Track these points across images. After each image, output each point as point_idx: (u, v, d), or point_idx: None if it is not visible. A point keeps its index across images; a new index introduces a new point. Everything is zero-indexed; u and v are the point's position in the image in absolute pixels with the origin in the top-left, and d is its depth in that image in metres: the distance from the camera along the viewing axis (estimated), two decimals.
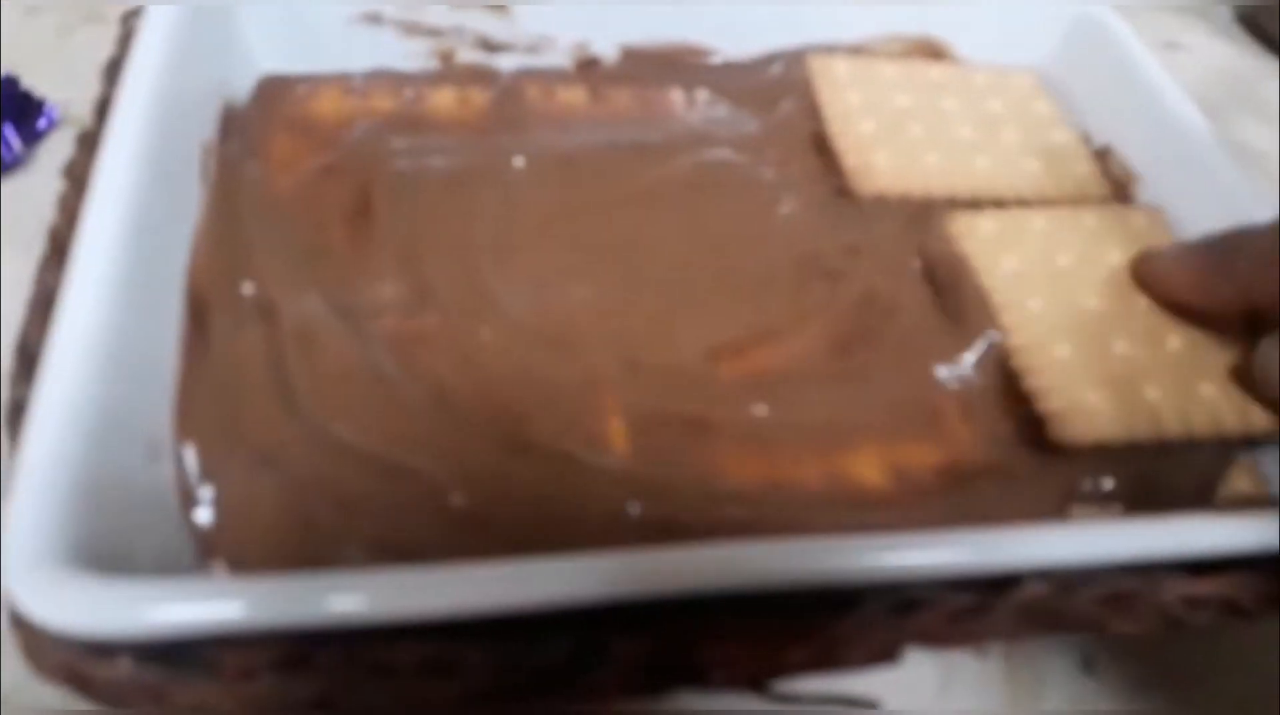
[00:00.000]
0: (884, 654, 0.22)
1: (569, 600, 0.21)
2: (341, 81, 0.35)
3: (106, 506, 0.22)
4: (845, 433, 0.27)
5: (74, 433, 0.22)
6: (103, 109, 0.30)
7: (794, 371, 0.29)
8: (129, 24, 0.32)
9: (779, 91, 0.37)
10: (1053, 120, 0.36)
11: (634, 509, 0.25)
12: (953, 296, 0.30)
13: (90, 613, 0.20)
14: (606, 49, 0.38)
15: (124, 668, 0.21)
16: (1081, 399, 0.28)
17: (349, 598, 0.20)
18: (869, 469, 0.27)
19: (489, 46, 0.37)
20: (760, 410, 0.27)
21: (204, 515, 0.25)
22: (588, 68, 0.38)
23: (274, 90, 0.34)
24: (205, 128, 0.31)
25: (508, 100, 0.36)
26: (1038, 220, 0.33)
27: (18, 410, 0.24)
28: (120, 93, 0.28)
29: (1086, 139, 0.37)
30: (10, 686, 0.25)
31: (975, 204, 0.33)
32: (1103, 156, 0.36)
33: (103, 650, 0.21)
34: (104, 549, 0.22)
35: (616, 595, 0.21)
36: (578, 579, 0.21)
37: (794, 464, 0.27)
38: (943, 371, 0.29)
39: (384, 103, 0.34)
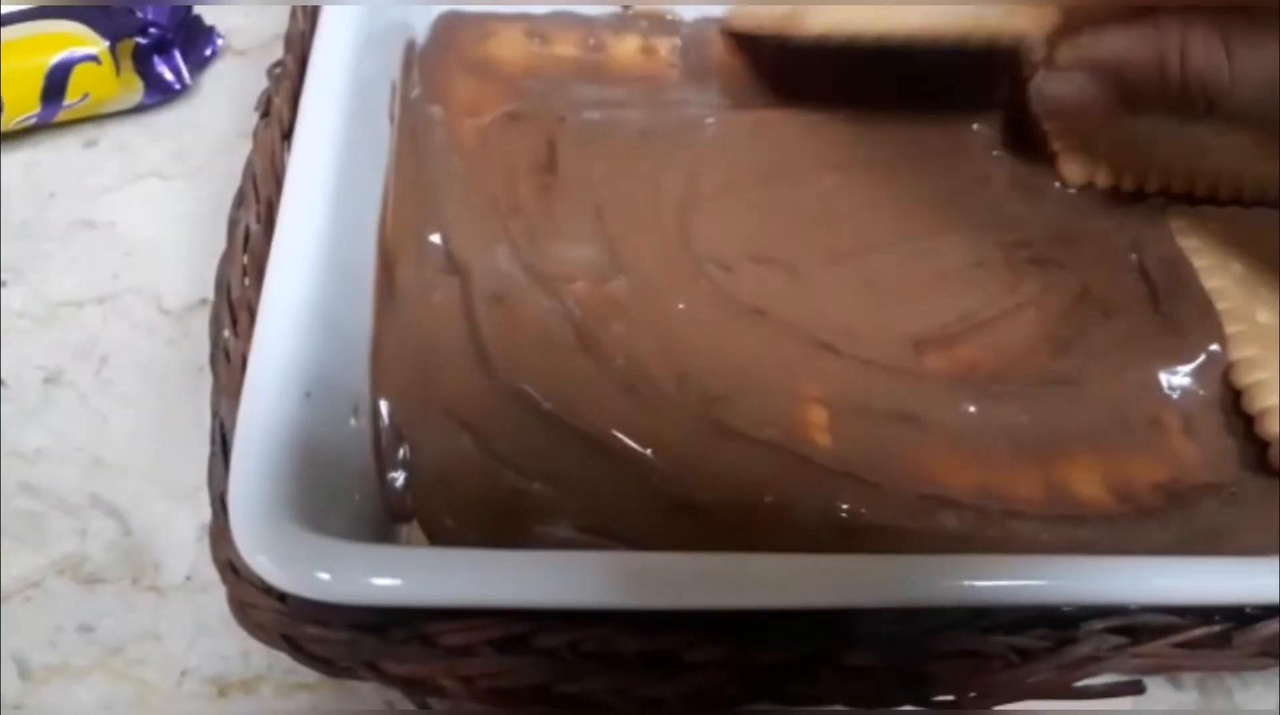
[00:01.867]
0: (1129, 686, 0.21)
1: (804, 604, 0.20)
2: (522, 23, 0.33)
3: (315, 465, 0.22)
4: (1063, 440, 0.26)
5: (290, 391, 0.21)
6: (296, 44, 0.29)
7: (1006, 369, 0.27)
8: None
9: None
10: None
11: (844, 509, 0.24)
12: (1174, 299, 0.28)
13: (313, 576, 0.19)
14: None
15: (339, 633, 0.20)
16: None
17: (583, 581, 0.19)
18: (1089, 482, 0.25)
19: None
20: (971, 409, 0.26)
21: (400, 477, 0.24)
22: None
23: (454, 28, 0.32)
24: (393, 67, 0.30)
25: (692, 51, 0.34)
26: (1262, 222, 0.30)
27: (225, 355, 0.23)
28: (320, 27, 0.27)
29: None
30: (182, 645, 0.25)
31: (1193, 198, 0.31)
32: None
33: (318, 613, 0.20)
34: (309, 507, 0.21)
35: (848, 602, 0.20)
36: (812, 583, 0.20)
37: (1010, 472, 0.25)
38: (1164, 379, 0.27)
39: (567, 49, 0.33)
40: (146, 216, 0.32)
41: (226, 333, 0.23)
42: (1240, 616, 0.22)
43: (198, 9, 0.35)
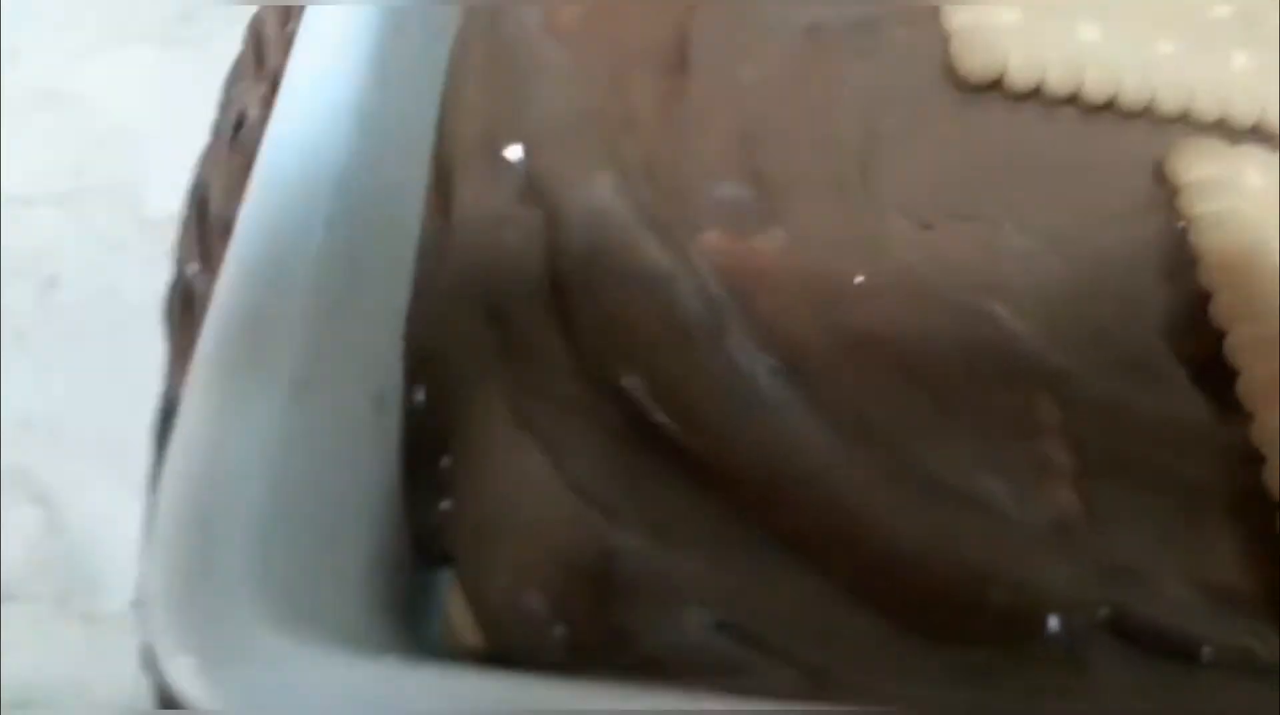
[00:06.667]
0: None
1: None
2: None
3: (303, 491, 0.14)
4: None
5: (277, 371, 0.14)
6: None
7: None
8: None
9: None
10: None
11: (1093, 599, 0.16)
12: None
13: None
14: None
15: None
16: None
17: None
18: None
19: None
20: None
21: (440, 503, 0.16)
22: None
23: None
24: None
25: None
26: None
27: (189, 300, 0.16)
28: None
29: None
30: None
31: None
32: None
33: None
34: (290, 556, 0.13)
35: None
36: None
37: None
38: None
39: None
40: (129, 94, 0.25)
41: (194, 267, 0.16)
42: None
43: None
